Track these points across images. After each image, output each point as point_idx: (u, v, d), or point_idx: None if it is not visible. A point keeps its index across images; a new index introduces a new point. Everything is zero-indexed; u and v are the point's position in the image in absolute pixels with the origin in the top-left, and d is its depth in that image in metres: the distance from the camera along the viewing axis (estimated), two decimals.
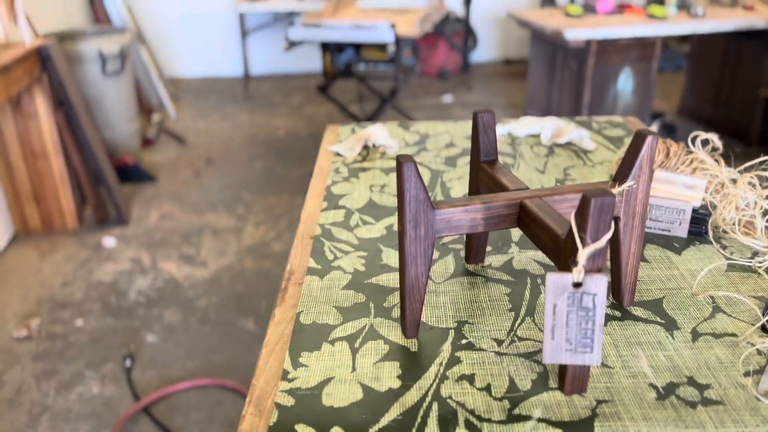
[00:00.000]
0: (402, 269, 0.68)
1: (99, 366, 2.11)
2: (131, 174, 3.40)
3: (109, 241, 2.87)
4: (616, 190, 0.66)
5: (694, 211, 0.90)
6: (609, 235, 0.56)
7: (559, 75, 3.56)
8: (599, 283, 0.57)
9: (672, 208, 0.90)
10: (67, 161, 2.88)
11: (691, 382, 0.64)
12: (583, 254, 0.56)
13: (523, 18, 3.63)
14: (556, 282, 0.57)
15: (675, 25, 3.31)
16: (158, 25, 5.34)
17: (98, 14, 4.16)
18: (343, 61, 3.23)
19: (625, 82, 3.39)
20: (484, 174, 0.77)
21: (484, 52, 5.79)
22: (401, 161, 0.63)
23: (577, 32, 3.14)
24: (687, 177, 0.90)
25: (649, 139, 0.68)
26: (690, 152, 1.01)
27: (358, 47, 3.19)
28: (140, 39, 4.46)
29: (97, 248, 2.82)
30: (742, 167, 0.93)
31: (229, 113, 4.64)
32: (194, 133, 4.23)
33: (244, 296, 2.46)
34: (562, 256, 0.60)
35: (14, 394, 1.99)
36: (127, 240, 2.89)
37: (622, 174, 0.70)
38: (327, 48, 3.17)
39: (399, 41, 3.00)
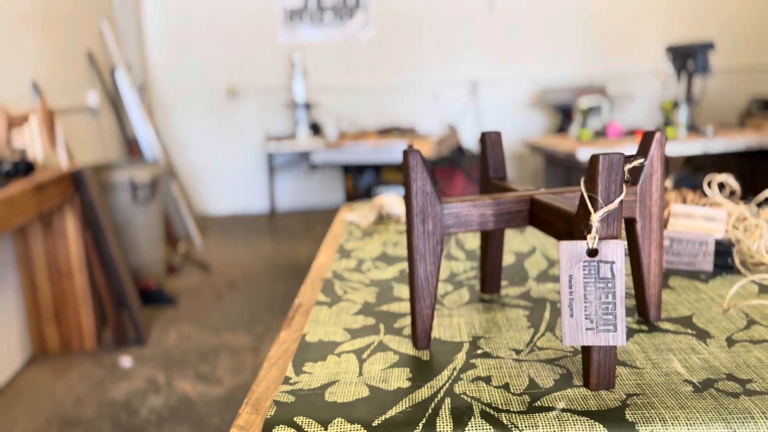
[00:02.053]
0: (411, 269, 0.65)
1: None
2: (153, 297, 3.41)
3: (125, 360, 2.81)
4: (627, 167, 0.64)
5: (718, 243, 0.87)
6: (621, 197, 0.54)
7: None
8: (616, 249, 0.54)
9: (693, 240, 0.87)
10: (91, 281, 2.91)
11: (731, 377, 0.58)
12: (595, 217, 0.54)
13: (537, 144, 3.76)
14: (570, 250, 0.54)
15: (686, 144, 3.39)
16: (191, 164, 5.63)
17: (133, 150, 4.42)
18: (363, 184, 3.33)
19: None
20: (495, 188, 0.76)
21: None
22: (407, 151, 0.63)
23: (589, 152, 3.23)
24: (706, 209, 0.88)
25: (657, 135, 0.67)
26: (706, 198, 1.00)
27: (378, 170, 3.30)
28: (172, 174, 4.68)
29: (113, 367, 2.76)
30: (761, 198, 0.91)
31: (254, 243, 4.73)
32: (218, 260, 4.29)
33: None
34: (575, 231, 0.57)
35: None
36: (143, 359, 2.83)
37: (634, 174, 0.68)
38: (348, 171, 3.28)
39: None
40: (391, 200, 1.25)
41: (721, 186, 1.01)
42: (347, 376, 0.62)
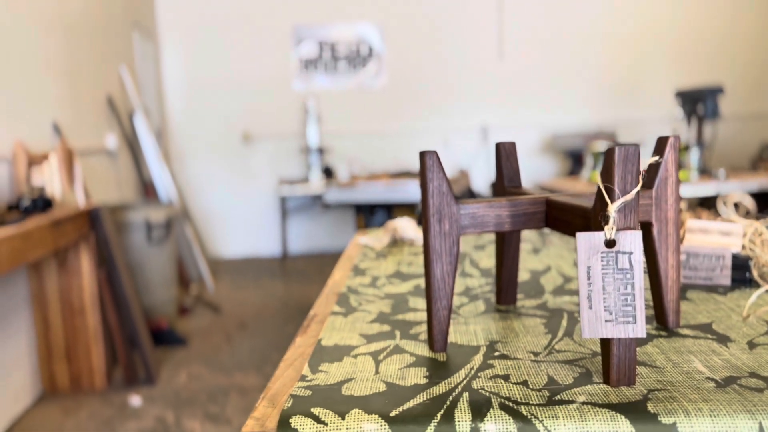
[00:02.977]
0: (427, 269, 0.65)
1: None
2: (164, 338, 3.39)
3: (135, 400, 2.78)
4: (643, 164, 0.65)
5: (735, 257, 0.87)
6: (638, 188, 0.55)
7: None
8: (634, 240, 0.54)
9: (710, 255, 0.87)
10: (104, 320, 2.90)
11: (754, 375, 0.57)
12: (613, 207, 0.54)
13: (549, 186, 3.78)
14: (588, 241, 0.55)
15: (699, 186, 3.39)
16: (205, 208, 5.68)
17: (149, 192, 4.48)
18: (375, 224, 3.34)
19: None
20: (510, 195, 0.77)
21: None
22: (423, 152, 0.64)
23: None
24: (721, 223, 0.88)
25: (671, 140, 0.68)
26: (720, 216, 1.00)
27: (389, 210, 3.32)
28: (186, 217, 4.72)
29: (122, 407, 2.73)
30: None
31: (265, 285, 4.72)
32: (230, 302, 4.28)
33: None
34: (593, 225, 0.58)
35: None
36: (153, 399, 2.80)
37: (649, 178, 0.69)
38: (360, 211, 3.30)
39: None
40: (405, 224, 1.26)
41: (736, 207, 1.01)
42: (364, 374, 0.61)
